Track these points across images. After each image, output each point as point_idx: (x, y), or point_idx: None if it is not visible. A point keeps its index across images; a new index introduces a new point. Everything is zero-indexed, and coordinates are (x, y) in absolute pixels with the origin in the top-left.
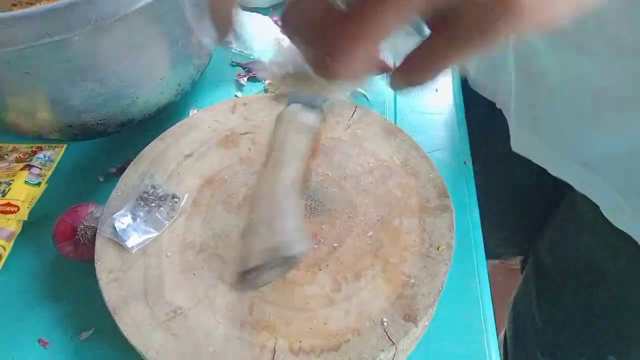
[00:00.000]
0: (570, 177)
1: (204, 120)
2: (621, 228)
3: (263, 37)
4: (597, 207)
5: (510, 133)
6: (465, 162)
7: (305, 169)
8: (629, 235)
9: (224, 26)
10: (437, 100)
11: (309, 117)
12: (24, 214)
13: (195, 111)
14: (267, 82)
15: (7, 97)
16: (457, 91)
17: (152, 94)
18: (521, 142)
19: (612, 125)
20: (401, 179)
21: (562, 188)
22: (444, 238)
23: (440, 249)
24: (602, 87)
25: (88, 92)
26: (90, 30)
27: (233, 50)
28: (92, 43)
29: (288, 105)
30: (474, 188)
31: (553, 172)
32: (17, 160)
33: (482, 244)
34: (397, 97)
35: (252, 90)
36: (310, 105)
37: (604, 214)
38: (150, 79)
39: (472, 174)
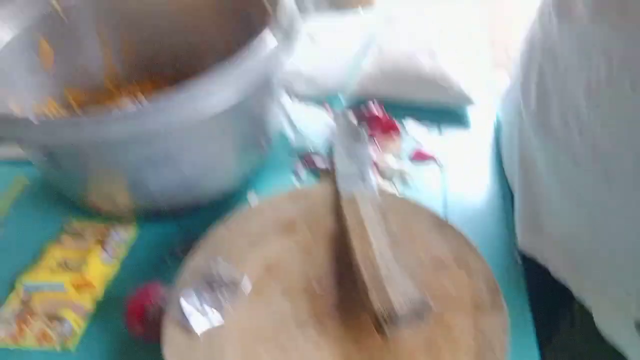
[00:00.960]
0: (570, 281)
1: (266, 208)
2: (609, 340)
3: (317, 128)
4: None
5: (516, 230)
6: (516, 260)
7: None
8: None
9: None
10: (486, 195)
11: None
12: (98, 292)
13: (255, 196)
14: (321, 171)
15: (91, 180)
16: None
17: (219, 181)
18: (526, 240)
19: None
20: (453, 274)
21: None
22: (499, 340)
23: (495, 352)
24: (598, 199)
25: (165, 179)
26: (176, 128)
27: (291, 142)
28: (176, 137)
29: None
30: (525, 287)
31: (555, 274)
32: (93, 239)
33: (536, 346)
34: (447, 190)
35: (310, 180)
36: (361, 178)
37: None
38: (220, 168)
39: (523, 272)
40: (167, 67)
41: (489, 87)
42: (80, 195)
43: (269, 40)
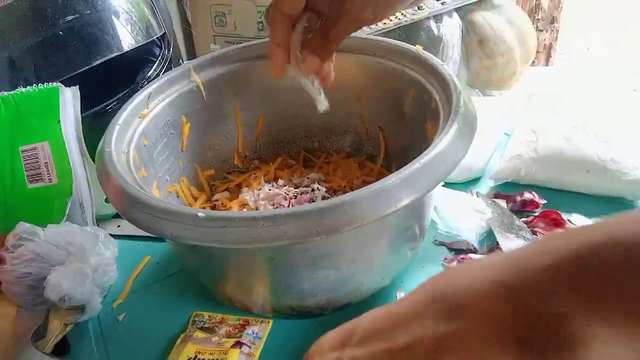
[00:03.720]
0: None
1: None
2: None
3: (465, 215)
4: None
5: None
6: None
7: None
8: None
9: None
10: None
11: None
12: None
13: (402, 294)
14: None
15: (238, 275)
16: None
17: (375, 278)
18: None
19: None
20: None
21: None
22: None
23: None
24: None
25: (321, 278)
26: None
27: (438, 230)
28: (342, 237)
29: None
30: None
31: None
32: (228, 335)
33: None
34: None
35: None
36: None
37: None
38: (377, 266)
39: None
40: (299, 145)
41: None
42: (216, 286)
43: (453, 131)
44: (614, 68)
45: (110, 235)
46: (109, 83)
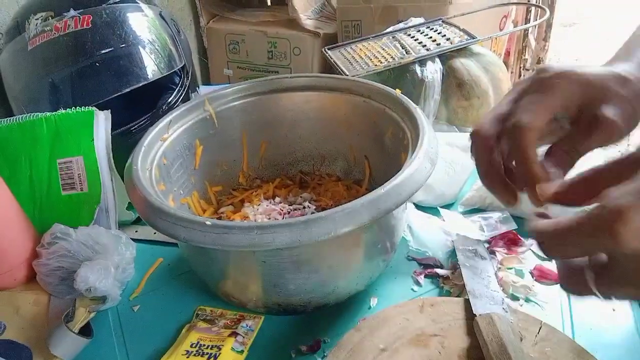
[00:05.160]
0: None
1: (395, 316)
2: None
3: (434, 234)
4: None
5: None
6: None
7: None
8: None
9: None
10: (615, 319)
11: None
12: None
13: (376, 300)
14: (444, 281)
15: (236, 275)
16: (635, 310)
17: (349, 284)
18: None
19: None
20: None
21: None
22: None
23: None
24: None
25: (303, 280)
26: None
27: (410, 247)
28: (321, 246)
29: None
30: None
31: None
32: (225, 327)
33: None
34: (572, 311)
35: (429, 287)
36: (490, 295)
37: None
38: (352, 272)
39: None
40: (295, 168)
41: None
42: (217, 285)
43: (416, 163)
44: None
45: (130, 238)
46: (134, 107)
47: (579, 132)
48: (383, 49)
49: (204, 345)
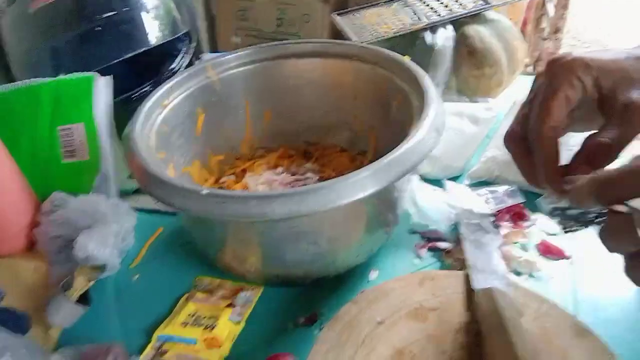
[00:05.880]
0: None
1: (394, 289)
2: None
3: (438, 207)
4: None
5: None
6: None
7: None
8: None
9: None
10: (623, 298)
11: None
12: (225, 350)
13: (376, 273)
14: (445, 255)
15: (232, 246)
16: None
17: (349, 256)
18: None
19: None
20: None
21: None
22: None
23: None
24: None
25: (302, 251)
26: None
27: (413, 220)
28: (320, 217)
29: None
30: None
31: None
32: (223, 297)
33: None
34: (577, 287)
35: (430, 260)
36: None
37: None
38: (351, 244)
39: None
40: (300, 138)
41: None
42: (216, 255)
43: (421, 133)
44: None
45: (130, 207)
46: (136, 73)
47: (613, 122)
48: (394, 14)
49: (201, 315)
